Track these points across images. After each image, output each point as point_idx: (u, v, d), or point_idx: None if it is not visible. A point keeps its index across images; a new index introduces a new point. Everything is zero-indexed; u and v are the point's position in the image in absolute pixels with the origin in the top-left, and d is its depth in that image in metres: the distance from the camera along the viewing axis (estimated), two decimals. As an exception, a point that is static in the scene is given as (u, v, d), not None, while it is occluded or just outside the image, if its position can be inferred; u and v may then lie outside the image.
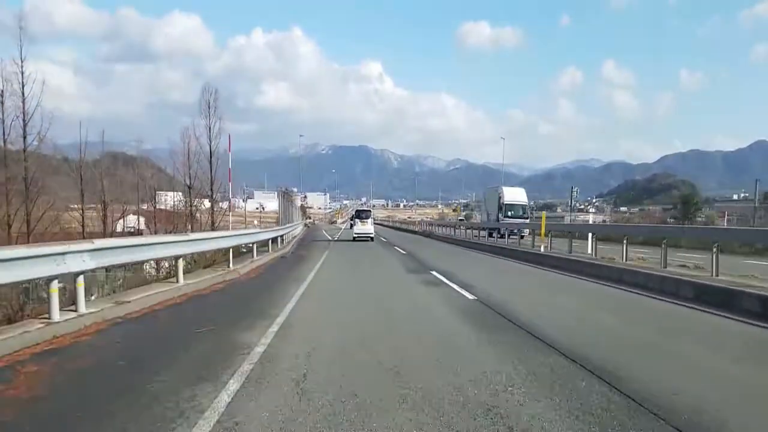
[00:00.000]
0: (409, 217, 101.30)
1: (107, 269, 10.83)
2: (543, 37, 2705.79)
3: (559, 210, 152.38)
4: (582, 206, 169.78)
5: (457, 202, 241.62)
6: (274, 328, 6.12)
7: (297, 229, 34.12)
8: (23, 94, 18.68)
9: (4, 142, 18.65)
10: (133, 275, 12.53)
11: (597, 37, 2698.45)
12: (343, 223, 78.98)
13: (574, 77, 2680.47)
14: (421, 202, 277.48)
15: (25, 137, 19.02)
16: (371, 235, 28.95)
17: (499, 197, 33.39)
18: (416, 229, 47.40)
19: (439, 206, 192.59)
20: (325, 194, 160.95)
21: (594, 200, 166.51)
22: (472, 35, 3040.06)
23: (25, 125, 18.94)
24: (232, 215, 26.36)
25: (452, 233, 33.70)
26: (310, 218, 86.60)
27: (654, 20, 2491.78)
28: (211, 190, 25.96)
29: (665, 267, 10.94)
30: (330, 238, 33.76)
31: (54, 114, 19.95)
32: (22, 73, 18.62)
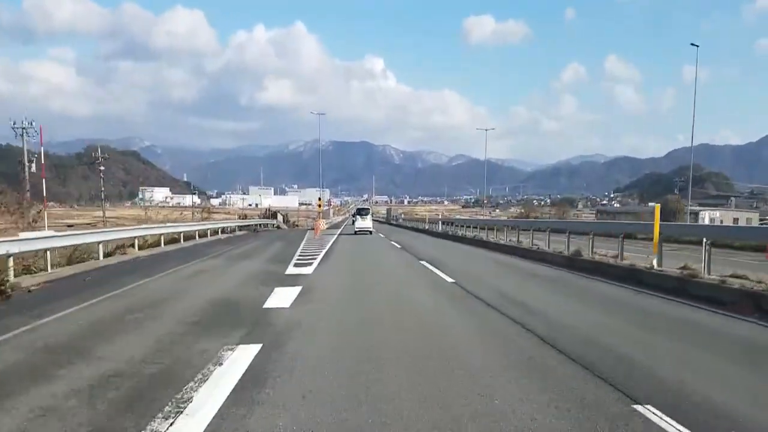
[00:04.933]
0: (416, 214, 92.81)
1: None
2: (547, 32, 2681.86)
3: (580, 206, 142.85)
4: (605, 201, 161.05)
5: (462, 198, 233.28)
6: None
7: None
8: None
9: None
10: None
11: (601, 32, 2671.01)
12: (331, 227, 47.82)
13: (578, 73, 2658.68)
14: (425, 198, 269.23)
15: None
16: (370, 230, 33.86)
17: None
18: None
19: (446, 202, 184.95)
20: (322, 190, 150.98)
21: (613, 195, 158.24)
22: (476, 30, 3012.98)
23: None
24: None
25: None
26: (278, 218, 57.96)
27: (657, 14, 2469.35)
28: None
29: None
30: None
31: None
32: None
